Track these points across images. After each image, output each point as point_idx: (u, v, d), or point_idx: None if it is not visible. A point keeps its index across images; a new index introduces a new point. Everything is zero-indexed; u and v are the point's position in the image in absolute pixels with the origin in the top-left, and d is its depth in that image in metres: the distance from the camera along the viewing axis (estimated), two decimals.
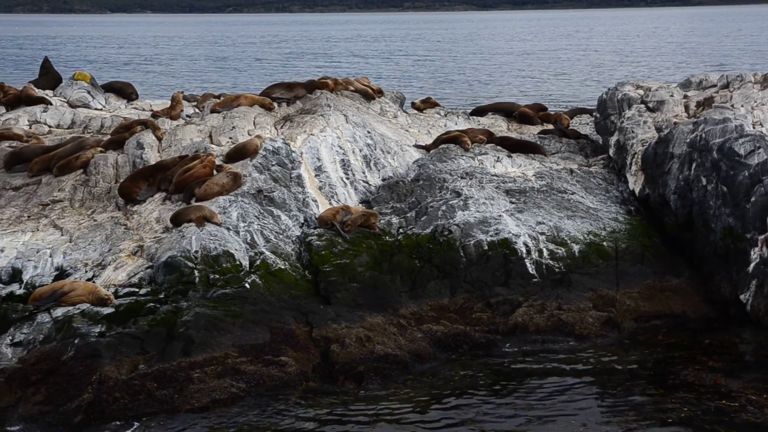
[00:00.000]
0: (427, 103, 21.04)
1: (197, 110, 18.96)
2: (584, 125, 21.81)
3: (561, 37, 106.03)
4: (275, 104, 17.02)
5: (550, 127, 21.26)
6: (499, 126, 21.19)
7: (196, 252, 12.56)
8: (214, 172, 14.15)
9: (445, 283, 13.85)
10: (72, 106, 18.71)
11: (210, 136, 16.08)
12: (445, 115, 20.69)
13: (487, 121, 21.46)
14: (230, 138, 15.73)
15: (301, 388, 11.21)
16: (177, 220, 13.10)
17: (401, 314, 13.09)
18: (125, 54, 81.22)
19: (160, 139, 15.74)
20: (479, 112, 22.33)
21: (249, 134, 15.80)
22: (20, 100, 18.19)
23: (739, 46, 78.80)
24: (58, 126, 17.87)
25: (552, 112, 22.83)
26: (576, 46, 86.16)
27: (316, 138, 15.82)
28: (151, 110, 19.11)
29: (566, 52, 75.65)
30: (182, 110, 17.53)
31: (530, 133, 20.52)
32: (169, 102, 20.06)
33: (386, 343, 12.18)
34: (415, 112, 20.54)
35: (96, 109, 18.79)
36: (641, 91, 18.46)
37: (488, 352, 12.73)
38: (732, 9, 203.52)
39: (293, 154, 15.22)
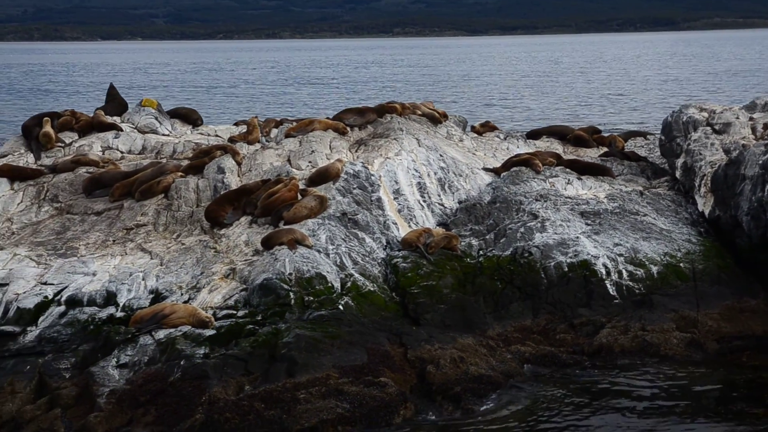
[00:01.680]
0: (486, 127, 21.22)
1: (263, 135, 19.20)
2: (639, 148, 21.92)
3: (585, 62, 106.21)
4: (348, 128, 17.25)
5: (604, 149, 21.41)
6: (555, 149, 21.34)
7: (290, 274, 12.74)
8: (299, 196, 14.34)
9: (527, 305, 13.98)
10: (140, 132, 18.96)
11: (288, 160, 16.30)
12: (505, 138, 20.87)
13: (542, 144, 21.58)
14: (309, 162, 15.95)
15: (402, 409, 11.32)
16: (268, 243, 13.29)
17: (489, 335, 13.23)
18: (164, 80, 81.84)
19: (239, 164, 15.97)
20: (534, 135, 22.48)
21: (327, 158, 16.01)
22: (92, 126, 18.45)
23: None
24: (129, 151, 18.11)
25: (606, 135, 22.98)
26: (587, 69, 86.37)
27: (392, 161, 16.03)
28: (216, 135, 19.34)
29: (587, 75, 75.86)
30: (260, 135, 17.72)
31: (588, 155, 20.66)
32: (232, 127, 20.35)
33: (479, 364, 12.30)
34: (475, 135, 20.71)
35: (163, 134, 19.03)
36: (705, 114, 18.60)
37: (576, 373, 12.83)
38: (721, 33, 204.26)
39: (372, 178, 15.42)
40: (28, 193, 16.37)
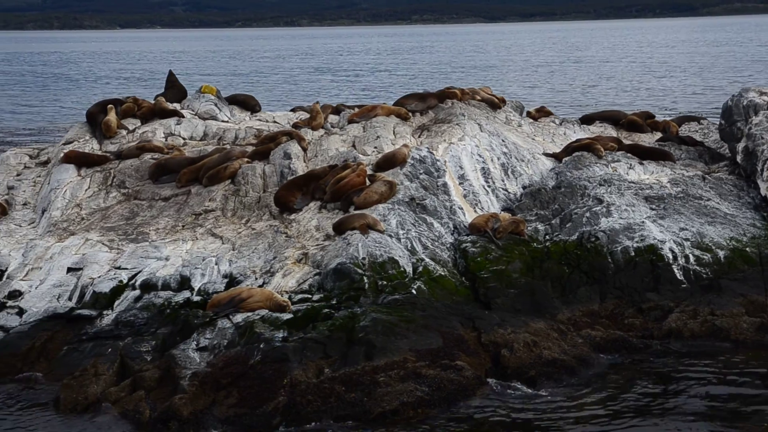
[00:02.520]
0: (542, 112, 21.19)
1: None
2: (693, 132, 21.82)
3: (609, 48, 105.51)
4: (410, 114, 17.32)
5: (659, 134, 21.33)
6: (609, 134, 21.28)
7: (364, 259, 12.85)
8: (366, 182, 14.44)
9: (595, 289, 14.01)
10: (201, 118, 19.11)
11: (353, 146, 16.41)
12: (560, 124, 20.84)
13: (596, 129, 21.54)
14: (375, 147, 16.05)
15: (479, 392, 11.41)
16: (340, 228, 13.40)
17: (558, 319, 13.28)
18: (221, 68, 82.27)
19: (305, 150, 16.09)
20: (587, 120, 22.41)
21: (393, 144, 16.10)
22: (154, 113, 18.63)
23: None
24: (190, 138, 18.27)
25: (659, 120, 22.88)
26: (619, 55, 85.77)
27: (456, 146, 16.09)
28: (274, 121, 19.46)
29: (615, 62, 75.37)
30: (323, 121, 17.83)
31: (642, 141, 20.59)
32: (290, 113, 20.48)
33: (552, 348, 12.36)
34: (531, 120, 20.69)
35: (222, 121, 19.17)
36: (766, 98, 18.48)
37: (647, 357, 12.85)
38: (742, 19, 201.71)
39: (438, 163, 15.49)
40: (95, 180, 16.58)
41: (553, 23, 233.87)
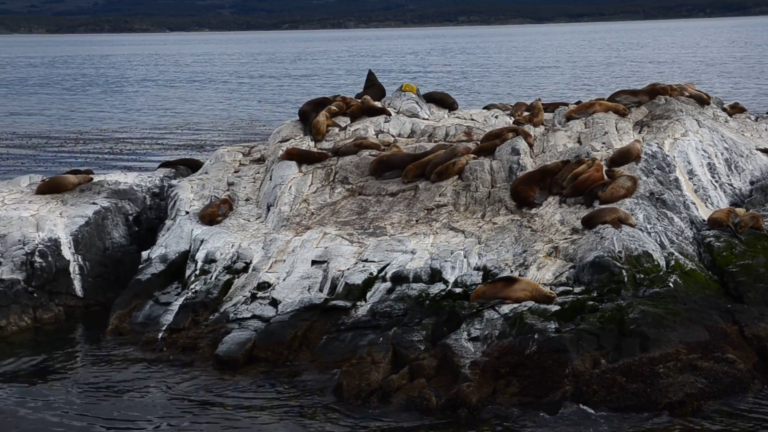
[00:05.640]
0: (735, 109, 21.00)
1: (513, 117, 19.46)
2: None
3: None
4: (628, 110, 17.39)
5: None
6: None
7: (620, 252, 12.95)
8: (604, 176, 14.56)
9: None
10: (403, 116, 19.43)
11: (579, 141, 16.54)
12: (756, 120, 20.70)
13: None
14: (603, 143, 16.14)
15: (752, 387, 11.42)
16: (590, 222, 13.54)
17: None
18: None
19: (531, 146, 16.27)
20: None
21: (619, 140, 16.18)
22: (362, 111, 19.03)
23: None
24: (398, 135, 18.59)
25: None
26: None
27: (681, 142, 16.10)
28: (471, 118, 19.65)
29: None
30: (544, 117, 18.02)
31: None
32: (484, 110, 20.67)
33: None
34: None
35: (423, 118, 19.46)
36: None
37: None
38: None
39: (668, 158, 15.51)
40: (317, 176, 17.01)
41: (602, 24, 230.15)
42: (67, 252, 16.34)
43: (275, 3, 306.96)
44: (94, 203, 17.35)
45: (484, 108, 21.33)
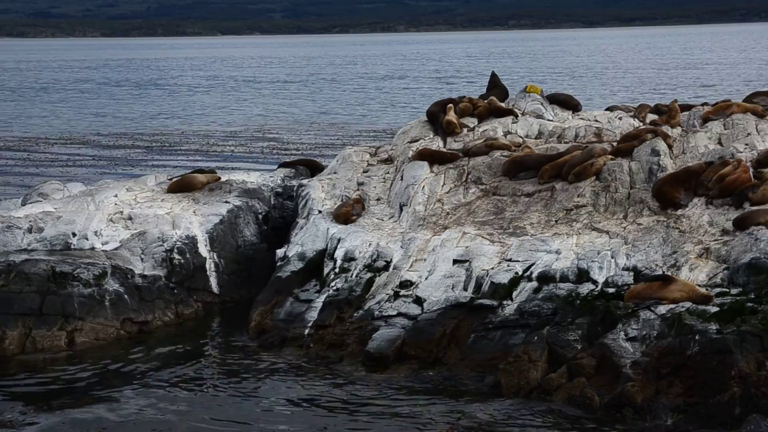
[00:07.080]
0: None
1: (636, 119, 19.34)
2: None
3: None
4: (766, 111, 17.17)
5: None
6: None
7: None
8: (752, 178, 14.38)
9: None
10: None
11: (719, 142, 16.36)
12: None
13: None
14: (746, 144, 15.95)
15: None
16: (743, 224, 13.37)
17: None
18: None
19: (670, 147, 16.13)
20: None
21: (764, 141, 15.97)
22: (490, 112, 19.06)
23: None
24: (526, 136, 18.57)
25: None
26: None
27: None
28: (596, 120, 19.55)
29: None
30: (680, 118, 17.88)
31: None
32: (607, 112, 20.54)
33: None
34: None
35: (548, 120, 19.41)
36: None
37: None
38: None
39: None
40: (449, 176, 17.06)
41: (654, 28, 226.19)
42: (204, 249, 16.66)
43: (325, 7, 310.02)
44: (226, 202, 17.66)
45: (606, 109, 21.18)
